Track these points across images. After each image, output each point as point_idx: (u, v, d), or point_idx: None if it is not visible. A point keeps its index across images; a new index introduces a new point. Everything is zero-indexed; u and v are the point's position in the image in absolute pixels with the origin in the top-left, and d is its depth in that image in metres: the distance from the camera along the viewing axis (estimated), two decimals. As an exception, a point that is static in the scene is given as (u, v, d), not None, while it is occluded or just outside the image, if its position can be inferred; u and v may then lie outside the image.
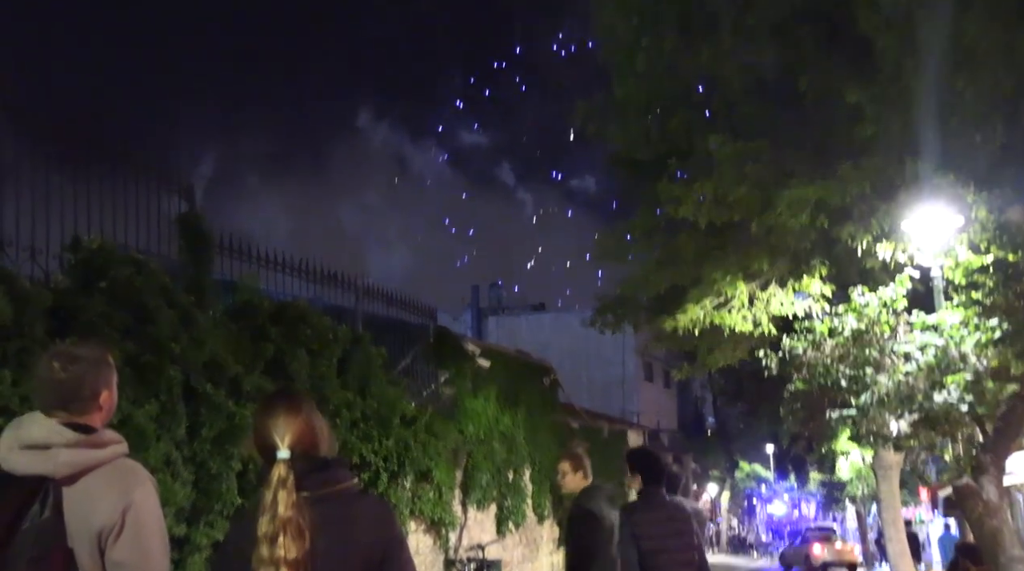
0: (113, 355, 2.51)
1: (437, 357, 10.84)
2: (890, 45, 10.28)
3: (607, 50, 13.85)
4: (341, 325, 8.02)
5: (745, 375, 26.49)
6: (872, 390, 9.40)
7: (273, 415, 2.25)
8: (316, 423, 2.29)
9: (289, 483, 2.15)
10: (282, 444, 2.20)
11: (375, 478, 8.12)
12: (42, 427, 2.27)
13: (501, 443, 11.98)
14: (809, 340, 10.25)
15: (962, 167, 10.37)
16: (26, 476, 2.21)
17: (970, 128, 10.41)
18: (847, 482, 28.38)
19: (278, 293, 7.72)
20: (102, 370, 2.40)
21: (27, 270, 5.18)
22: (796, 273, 12.18)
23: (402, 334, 10.18)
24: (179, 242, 6.47)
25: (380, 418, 8.22)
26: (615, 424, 20.25)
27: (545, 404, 14.38)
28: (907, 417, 9.36)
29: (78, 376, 2.32)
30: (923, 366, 9.13)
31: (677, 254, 13.09)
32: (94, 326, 5.02)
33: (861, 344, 9.74)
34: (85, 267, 5.36)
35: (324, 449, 2.29)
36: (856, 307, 9.85)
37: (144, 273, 5.55)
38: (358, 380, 8.13)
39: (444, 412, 10.34)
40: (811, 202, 10.86)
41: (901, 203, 10.50)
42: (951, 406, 8.77)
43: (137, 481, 2.31)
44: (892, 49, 10.28)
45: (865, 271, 11.69)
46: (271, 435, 2.22)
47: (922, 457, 12.38)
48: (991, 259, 9.12)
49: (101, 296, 5.24)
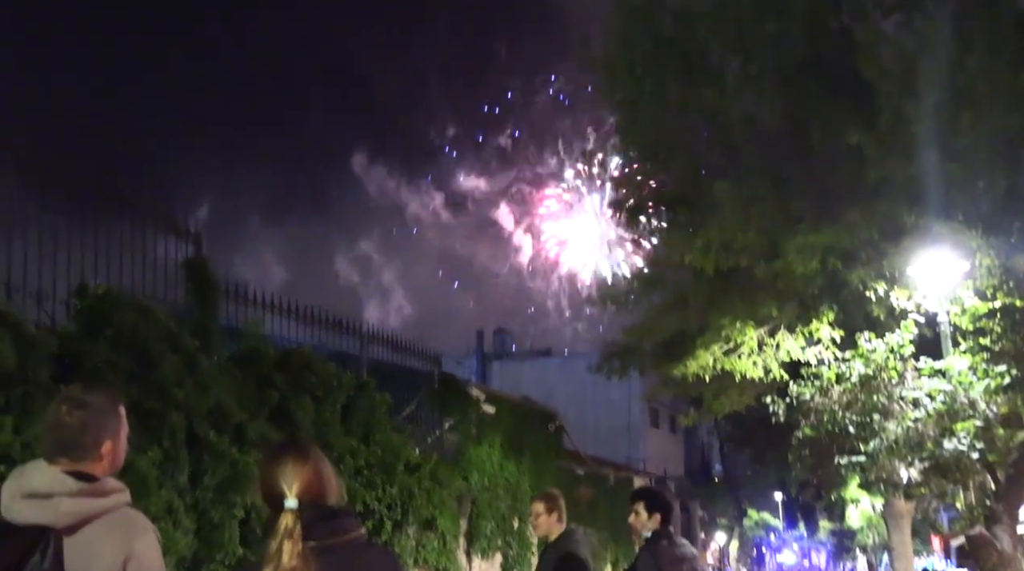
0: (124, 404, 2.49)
1: (442, 403, 10.78)
2: (891, 92, 10.39)
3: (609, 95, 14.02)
4: (345, 371, 7.99)
5: (752, 421, 26.28)
6: (881, 437, 9.33)
7: (281, 464, 2.23)
8: (324, 472, 2.27)
9: (296, 533, 2.12)
10: (290, 493, 2.18)
11: (379, 526, 8.03)
12: (44, 476, 2.25)
13: (506, 491, 11.85)
14: (816, 386, 10.20)
15: (966, 212, 10.40)
16: (27, 526, 2.19)
17: (973, 174, 10.47)
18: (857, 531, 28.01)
19: (283, 339, 7.71)
20: (107, 419, 2.37)
21: (34, 315, 5.19)
22: (804, 318, 12.16)
23: (407, 380, 10.13)
24: (185, 287, 6.49)
25: (384, 465, 8.15)
26: (621, 471, 20.05)
27: (550, 451, 14.25)
28: (917, 464, 9.27)
29: (82, 422, 2.31)
30: (932, 412, 9.06)
31: (684, 300, 13.10)
32: (99, 372, 5.01)
33: (869, 390, 9.68)
34: (91, 313, 5.37)
35: (332, 498, 2.27)
36: (863, 352, 9.81)
37: (149, 319, 5.55)
38: (362, 427, 8.09)
39: (448, 459, 10.26)
40: (820, 247, 10.89)
41: (906, 248, 10.53)
42: (961, 453, 8.69)
43: (139, 531, 2.28)
44: (893, 95, 10.39)
45: (872, 316, 11.67)
46: (279, 484, 2.20)
47: (933, 505, 12.24)
48: (998, 305, 9.11)
49: (106, 342, 5.23)
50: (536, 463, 13.12)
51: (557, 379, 36.25)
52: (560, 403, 19.28)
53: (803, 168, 12.75)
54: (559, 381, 35.81)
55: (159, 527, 4.02)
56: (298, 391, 7.01)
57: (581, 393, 34.17)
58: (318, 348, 8.04)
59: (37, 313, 5.26)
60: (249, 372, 6.66)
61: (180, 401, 5.49)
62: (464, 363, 37.53)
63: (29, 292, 5.22)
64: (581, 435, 21.63)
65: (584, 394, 34.33)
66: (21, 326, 4.73)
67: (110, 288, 5.53)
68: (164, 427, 5.32)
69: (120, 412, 2.43)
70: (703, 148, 13.82)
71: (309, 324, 8.27)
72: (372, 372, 8.99)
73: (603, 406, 35.64)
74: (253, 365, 6.74)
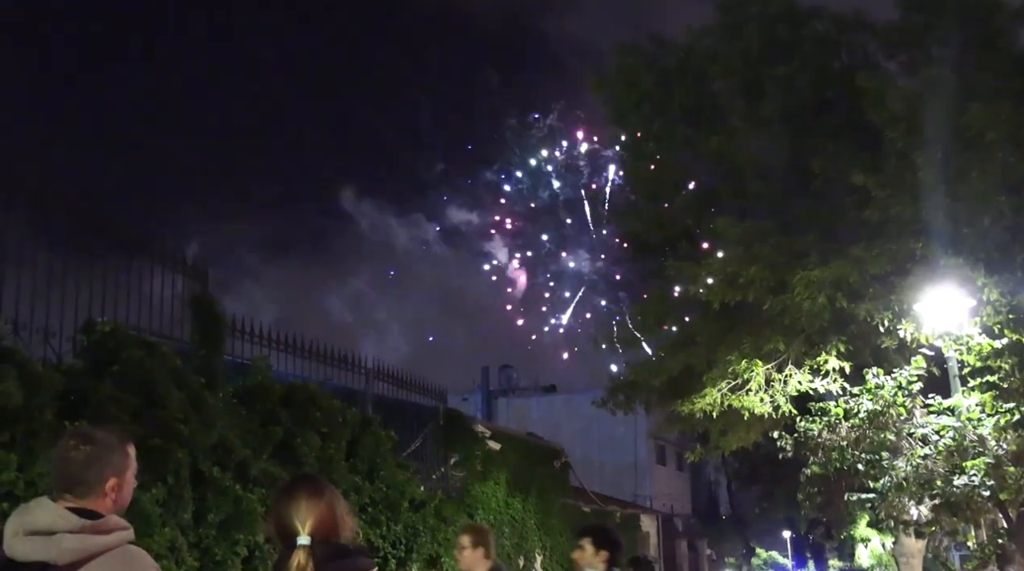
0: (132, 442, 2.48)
1: (447, 439, 10.72)
2: (898, 136, 10.46)
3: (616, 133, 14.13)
4: (350, 407, 7.97)
5: (760, 458, 26.06)
6: (890, 474, 9.24)
7: (295, 500, 2.22)
8: (338, 509, 2.26)
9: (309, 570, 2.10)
10: (303, 530, 2.16)
11: (383, 564, 7.95)
12: (47, 512, 2.24)
13: (511, 528, 11.74)
14: (824, 422, 10.13)
15: (972, 249, 10.40)
16: (29, 563, 2.17)
17: (978, 211, 10.49)
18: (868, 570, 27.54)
19: (288, 374, 7.70)
20: (113, 455, 2.37)
21: (40, 352, 5.20)
22: (812, 353, 12.11)
23: (412, 416, 10.09)
24: (192, 324, 6.49)
25: (389, 503, 8.10)
26: (627, 508, 19.86)
27: (556, 487, 14.13)
28: (927, 502, 9.17)
29: (87, 457, 2.30)
30: (941, 449, 8.98)
31: (691, 337, 13.07)
32: (104, 409, 5.01)
33: (877, 426, 9.61)
34: (97, 349, 5.38)
35: (345, 535, 2.25)
36: (871, 388, 9.75)
37: (155, 355, 5.56)
38: (367, 463, 8.04)
39: (454, 496, 10.18)
40: (827, 282, 10.89)
41: (913, 284, 10.52)
42: (972, 491, 8.59)
43: (141, 569, 2.27)
44: (899, 141, 10.46)
45: (879, 351, 11.62)
46: (292, 521, 2.18)
47: (944, 544, 12.07)
48: (1004, 342, 9.07)
49: (112, 378, 5.23)
50: (542, 500, 13.00)
51: (563, 415, 36.04)
52: (566, 440, 19.15)
53: (809, 205, 12.80)
54: (565, 417, 35.61)
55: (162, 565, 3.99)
56: (303, 427, 6.99)
57: (587, 430, 33.95)
58: (323, 384, 8.03)
59: (44, 350, 5.27)
60: (254, 408, 6.64)
61: (185, 438, 5.47)
62: (469, 399, 37.36)
63: (36, 329, 5.23)
64: (587, 472, 21.46)
65: (590, 431, 34.10)
66: (27, 364, 4.74)
67: (116, 325, 5.55)
68: (169, 464, 5.29)
69: (128, 451, 2.42)
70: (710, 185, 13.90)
71: (314, 360, 8.27)
72: (377, 408, 8.97)
73: (609, 443, 35.38)
74: (258, 401, 6.73)
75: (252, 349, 7.26)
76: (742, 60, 12.63)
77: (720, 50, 12.99)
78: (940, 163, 10.19)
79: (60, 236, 5.71)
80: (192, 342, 6.42)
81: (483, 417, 30.83)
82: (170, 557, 5.18)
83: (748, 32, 12.53)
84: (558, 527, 13.54)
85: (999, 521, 9.34)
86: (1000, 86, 10.39)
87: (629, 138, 14.05)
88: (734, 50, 12.71)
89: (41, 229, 5.60)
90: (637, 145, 13.74)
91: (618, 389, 15.33)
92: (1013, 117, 9.92)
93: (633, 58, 13.53)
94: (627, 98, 13.55)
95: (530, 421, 30.80)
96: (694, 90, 13.31)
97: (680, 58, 13.51)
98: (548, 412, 36.92)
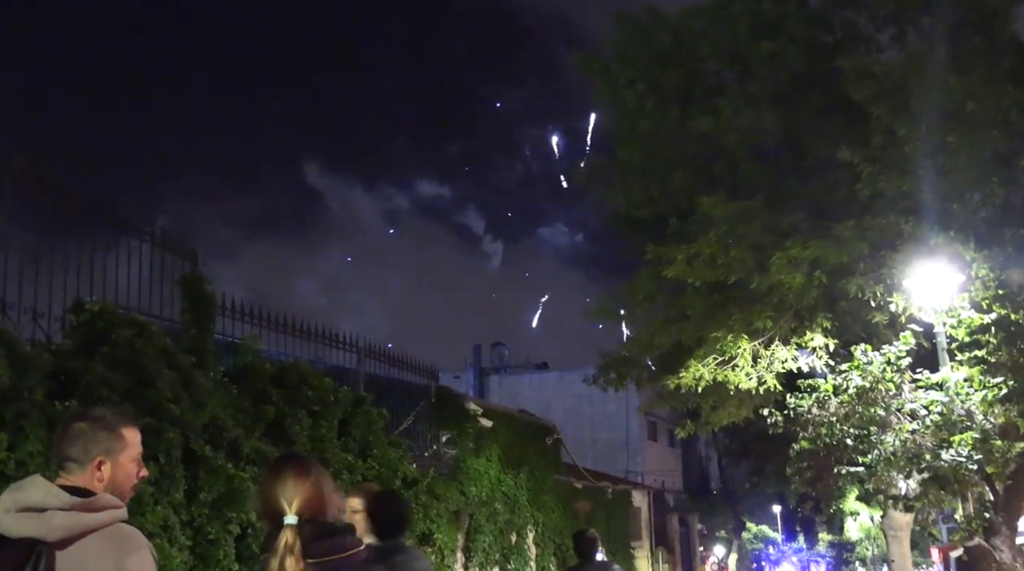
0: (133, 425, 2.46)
1: (439, 417, 10.76)
2: (884, 114, 10.45)
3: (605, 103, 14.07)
4: (342, 386, 7.98)
5: (750, 434, 26.25)
6: (879, 449, 9.32)
7: (281, 479, 2.21)
8: (325, 487, 2.25)
9: (296, 550, 2.10)
10: (290, 509, 2.16)
11: (376, 542, 7.99)
12: (39, 489, 2.24)
13: (504, 504, 11.81)
14: (814, 398, 10.19)
15: (962, 226, 10.43)
16: (20, 539, 2.18)
17: (967, 187, 10.51)
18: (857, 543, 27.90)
19: (279, 354, 7.70)
20: (101, 435, 2.36)
21: (29, 333, 5.18)
22: (800, 330, 12.16)
23: (404, 394, 10.11)
24: (182, 304, 6.47)
25: (381, 480, 8.12)
26: (619, 484, 19.99)
27: (548, 464, 14.21)
28: (915, 476, 9.26)
29: (80, 434, 2.31)
30: (929, 424, 9.06)
31: (681, 313, 13.10)
32: (94, 389, 5.00)
33: (866, 402, 9.67)
34: (86, 330, 5.36)
35: (332, 514, 2.25)
36: (860, 364, 9.80)
37: (145, 335, 5.54)
38: (359, 442, 8.06)
39: (446, 473, 10.22)
40: (806, 262, 10.92)
41: (903, 260, 10.56)
42: (960, 464, 8.68)
43: (133, 548, 2.27)
44: (884, 117, 10.45)
45: (869, 327, 11.67)
46: (279, 500, 2.18)
47: (932, 517, 12.21)
48: (993, 317, 9.12)
49: (102, 359, 5.22)
50: (534, 477, 13.08)
51: (555, 393, 36.19)
52: (558, 416, 19.22)
53: (798, 182, 12.80)
54: (557, 395, 35.77)
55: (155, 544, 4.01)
56: (294, 406, 7.00)
57: (579, 407, 34.14)
58: (315, 363, 8.03)
59: (33, 330, 5.25)
60: (245, 387, 6.64)
61: (176, 417, 5.47)
62: (461, 377, 37.46)
63: (24, 309, 5.21)
64: (579, 448, 21.57)
65: (582, 408, 34.29)
66: (16, 344, 4.72)
67: (105, 304, 5.52)
68: (160, 444, 5.29)
69: (122, 433, 2.39)
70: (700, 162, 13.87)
71: (305, 338, 8.26)
72: (369, 387, 8.98)
73: (601, 419, 35.58)
74: (249, 380, 6.73)
75: (243, 328, 7.25)
76: (730, 38, 12.59)
77: (709, 29, 12.94)
78: (927, 135, 10.20)
79: (47, 216, 5.66)
80: (182, 321, 6.40)
81: (475, 395, 30.93)
82: (163, 535, 5.19)
83: (734, 10, 12.49)
84: (550, 503, 13.64)
85: (986, 494, 9.44)
86: (991, 64, 10.37)
87: (622, 115, 13.98)
88: (723, 28, 12.66)
89: (28, 209, 5.56)
90: (630, 122, 13.68)
91: (609, 366, 15.38)
92: (997, 90, 9.92)
93: (631, 30, 13.44)
94: (622, 75, 13.48)
95: (522, 399, 30.96)
96: (686, 68, 13.26)
97: (673, 36, 13.44)
98: (540, 390, 37.07)
